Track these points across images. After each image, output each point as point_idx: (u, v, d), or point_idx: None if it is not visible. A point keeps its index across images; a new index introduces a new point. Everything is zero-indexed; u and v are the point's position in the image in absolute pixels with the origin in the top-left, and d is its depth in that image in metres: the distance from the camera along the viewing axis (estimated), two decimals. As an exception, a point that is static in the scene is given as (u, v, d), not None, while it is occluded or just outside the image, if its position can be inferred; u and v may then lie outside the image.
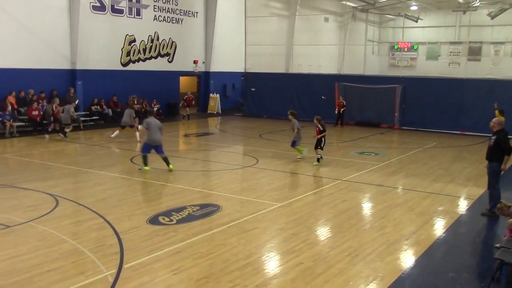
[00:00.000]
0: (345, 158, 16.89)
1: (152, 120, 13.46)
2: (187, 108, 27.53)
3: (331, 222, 9.84)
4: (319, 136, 15.48)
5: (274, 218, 9.88)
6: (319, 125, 15.55)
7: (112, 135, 19.60)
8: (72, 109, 20.24)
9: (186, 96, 27.73)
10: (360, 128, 25.20)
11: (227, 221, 9.44)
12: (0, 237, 8.32)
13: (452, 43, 45.74)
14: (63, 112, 19.85)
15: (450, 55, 45.77)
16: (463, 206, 11.44)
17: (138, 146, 17.39)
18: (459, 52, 44.61)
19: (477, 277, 7.55)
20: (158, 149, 13.53)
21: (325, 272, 7.22)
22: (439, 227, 9.68)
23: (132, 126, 19.66)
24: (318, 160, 15.33)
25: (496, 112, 18.24)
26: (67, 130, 19.54)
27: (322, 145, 15.52)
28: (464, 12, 40.59)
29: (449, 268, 7.67)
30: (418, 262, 7.82)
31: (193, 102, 28.57)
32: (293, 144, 16.15)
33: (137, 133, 19.22)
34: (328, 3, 40.24)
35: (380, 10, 43.42)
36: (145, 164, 13.58)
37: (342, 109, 25.73)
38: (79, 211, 9.98)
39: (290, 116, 16.30)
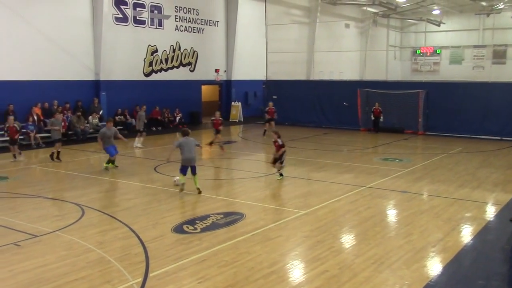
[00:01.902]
0: (369, 165, 16.74)
1: (185, 140, 12.49)
2: (219, 135, 19.58)
3: (356, 229, 9.75)
4: (280, 152, 13.86)
5: (298, 225, 9.83)
6: (278, 140, 14.02)
7: (137, 144, 19.98)
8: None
9: (214, 119, 19.76)
10: (383, 134, 24.97)
11: (251, 229, 9.43)
12: (28, 246, 8.46)
13: (475, 46, 45.13)
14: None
15: (474, 58, 45.15)
16: (490, 212, 11.22)
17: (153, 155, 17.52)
18: (483, 56, 43.98)
19: (507, 285, 7.40)
20: (193, 169, 12.52)
21: (351, 280, 7.15)
22: (467, 234, 9.50)
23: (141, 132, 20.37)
24: (281, 174, 13.98)
25: None
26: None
27: (282, 160, 13.99)
28: (488, 15, 40.09)
29: (478, 275, 7.52)
30: (445, 269, 7.69)
31: (221, 125, 19.82)
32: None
33: (137, 139, 20.26)
34: (348, 10, 40.16)
35: (401, 15, 43.13)
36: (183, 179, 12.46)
37: (378, 116, 25.36)
38: (104, 221, 10.10)
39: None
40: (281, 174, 14.11)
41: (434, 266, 7.85)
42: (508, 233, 9.84)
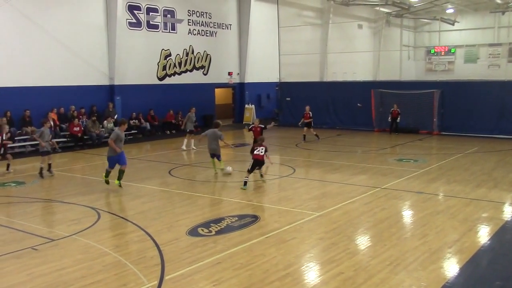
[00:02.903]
0: (384, 166, 16.65)
1: (211, 131, 14.84)
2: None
3: (371, 230, 9.70)
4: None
5: (313, 227, 9.81)
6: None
7: (183, 147, 20.41)
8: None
9: (253, 126, 17.50)
10: (398, 134, 24.82)
11: (266, 232, 9.43)
12: (45, 250, 8.55)
13: (491, 45, 44.60)
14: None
15: (489, 57, 44.62)
16: (508, 212, 11.08)
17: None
18: (499, 54, 43.45)
19: (526, 286, 7.29)
20: (217, 157, 15.10)
21: (366, 282, 7.11)
22: (484, 234, 9.40)
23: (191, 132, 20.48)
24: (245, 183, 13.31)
25: None
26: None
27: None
28: (503, 13, 39.66)
29: (496, 276, 7.43)
30: (462, 270, 7.61)
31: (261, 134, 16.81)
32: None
33: (185, 140, 20.51)
34: (361, 10, 40.00)
35: (415, 14, 42.82)
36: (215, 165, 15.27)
37: (396, 117, 25.15)
38: (120, 224, 10.17)
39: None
40: (245, 183, 13.19)
41: (451, 267, 7.78)
42: (526, 233, 9.72)
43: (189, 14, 28.30)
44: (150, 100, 26.02)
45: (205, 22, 29.40)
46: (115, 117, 23.85)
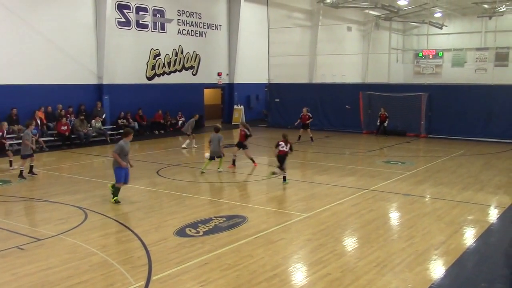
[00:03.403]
0: (371, 168, 16.74)
1: (213, 135, 15.53)
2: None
3: (358, 232, 9.75)
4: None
5: (301, 228, 9.84)
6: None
7: (183, 145, 21.08)
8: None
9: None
10: (386, 137, 24.97)
11: (254, 232, 9.43)
12: (31, 250, 8.48)
13: (478, 49, 45.07)
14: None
15: (476, 61, 45.07)
16: (493, 214, 11.19)
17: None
18: (486, 58, 43.91)
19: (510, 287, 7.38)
20: (219, 157, 15.53)
21: (353, 283, 7.14)
22: (469, 237, 9.50)
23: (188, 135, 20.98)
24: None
25: None
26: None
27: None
28: (490, 18, 40.04)
29: (481, 278, 7.51)
30: (448, 272, 7.68)
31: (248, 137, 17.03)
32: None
33: (188, 141, 21.11)
34: (350, 13, 40.20)
35: (403, 18, 43.14)
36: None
37: (384, 121, 25.41)
38: (107, 224, 10.12)
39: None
40: (284, 179, 13.95)
41: (437, 269, 7.85)
42: (511, 235, 9.84)
43: (179, 14, 28.24)
44: (138, 99, 25.92)
45: (195, 22, 29.35)
46: (103, 116, 23.74)
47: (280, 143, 13.89)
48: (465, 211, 11.17)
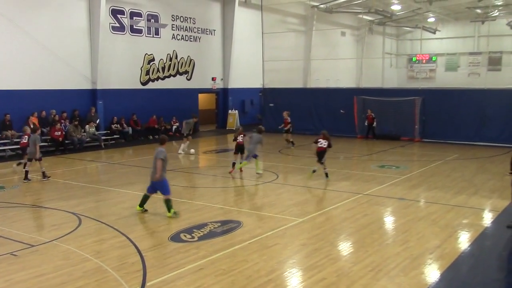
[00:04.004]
0: (366, 172, 16.76)
1: (253, 135, 16.29)
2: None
3: (353, 236, 9.75)
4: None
5: (296, 233, 9.83)
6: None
7: (180, 151, 20.53)
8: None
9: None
10: (380, 141, 25.02)
11: (249, 237, 9.41)
12: (25, 256, 8.42)
13: (471, 53, 45.36)
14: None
15: (469, 65, 45.34)
16: (487, 218, 11.23)
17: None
18: (479, 63, 44.18)
19: (505, 291, 7.39)
20: (254, 156, 15.95)
21: (349, 288, 7.14)
22: (464, 241, 9.51)
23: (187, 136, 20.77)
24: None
25: None
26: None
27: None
28: (483, 22, 40.36)
29: (476, 282, 7.52)
30: (443, 276, 7.68)
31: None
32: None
33: (182, 145, 20.68)
34: (344, 18, 40.35)
35: (397, 22, 43.38)
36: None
37: (372, 122, 25.57)
38: (101, 230, 10.07)
39: None
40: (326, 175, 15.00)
41: (432, 273, 7.85)
42: (505, 239, 9.86)
43: (173, 19, 28.24)
44: (132, 104, 25.87)
45: (189, 27, 29.36)
46: (97, 121, 23.67)
47: (320, 140, 15.03)
48: (460, 215, 11.20)
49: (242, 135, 16.54)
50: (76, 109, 23.06)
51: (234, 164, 16.12)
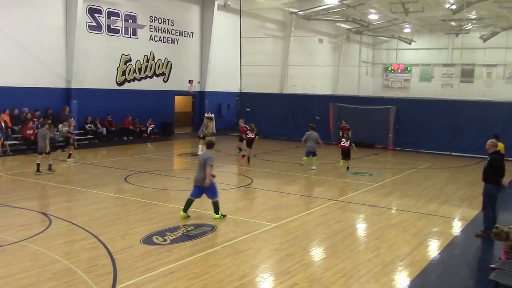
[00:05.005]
0: (340, 179, 16.90)
1: (309, 133, 18.11)
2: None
3: (326, 242, 9.81)
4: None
5: (269, 238, 9.83)
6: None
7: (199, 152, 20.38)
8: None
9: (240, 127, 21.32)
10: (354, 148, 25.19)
11: (221, 241, 9.39)
12: (-9, 256, 8.24)
13: (445, 65, 46.33)
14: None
15: (443, 77, 46.30)
16: (457, 227, 11.43)
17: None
18: (452, 74, 45.15)
19: (472, 299, 7.52)
20: (312, 154, 18.15)
21: (320, 294, 7.17)
22: (434, 248, 9.66)
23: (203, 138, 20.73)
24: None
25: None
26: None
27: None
28: (457, 35, 41.23)
29: (444, 289, 7.63)
30: (413, 283, 7.78)
31: (256, 137, 20.01)
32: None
33: (200, 146, 20.90)
34: (322, 25, 40.70)
35: (373, 32, 43.96)
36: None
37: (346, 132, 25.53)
38: (72, 231, 9.91)
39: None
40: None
41: (402, 280, 7.95)
42: (474, 248, 10.05)
43: (151, 20, 28.06)
44: (108, 105, 25.57)
45: (167, 29, 29.21)
46: (71, 121, 23.29)
47: (342, 139, 17.86)
48: (430, 223, 11.37)
49: (248, 130, 19.17)
50: (49, 107, 22.68)
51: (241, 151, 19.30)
